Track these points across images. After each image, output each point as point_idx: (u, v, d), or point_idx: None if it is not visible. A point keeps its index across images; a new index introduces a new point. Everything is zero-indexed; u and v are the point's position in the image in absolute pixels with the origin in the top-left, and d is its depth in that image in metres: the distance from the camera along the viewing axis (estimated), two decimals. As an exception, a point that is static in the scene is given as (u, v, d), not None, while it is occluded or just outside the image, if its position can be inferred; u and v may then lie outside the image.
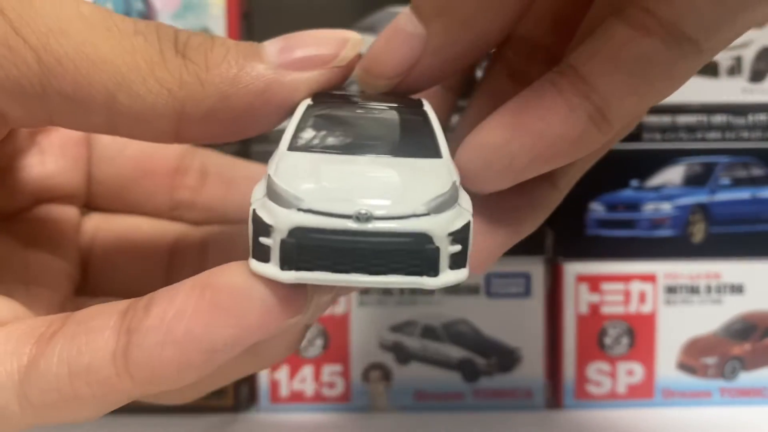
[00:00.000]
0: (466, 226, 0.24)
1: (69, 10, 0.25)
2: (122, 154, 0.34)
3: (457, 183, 0.25)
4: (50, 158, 0.33)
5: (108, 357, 0.23)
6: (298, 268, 0.23)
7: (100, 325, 0.24)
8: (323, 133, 0.26)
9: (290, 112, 0.26)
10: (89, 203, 0.34)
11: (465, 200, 0.25)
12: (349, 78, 0.28)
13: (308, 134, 0.26)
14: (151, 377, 0.23)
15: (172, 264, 0.33)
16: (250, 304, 0.23)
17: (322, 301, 0.26)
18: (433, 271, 0.24)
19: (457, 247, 0.24)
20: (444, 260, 0.24)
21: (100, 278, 0.33)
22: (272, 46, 0.26)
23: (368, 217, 0.23)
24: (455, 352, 0.48)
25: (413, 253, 0.23)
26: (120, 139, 0.34)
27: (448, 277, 0.24)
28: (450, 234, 0.24)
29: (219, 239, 0.33)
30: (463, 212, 0.24)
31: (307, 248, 0.23)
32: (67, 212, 0.33)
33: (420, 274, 0.23)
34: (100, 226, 0.34)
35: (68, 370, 0.23)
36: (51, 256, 0.31)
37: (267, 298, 0.23)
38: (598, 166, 0.47)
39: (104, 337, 0.23)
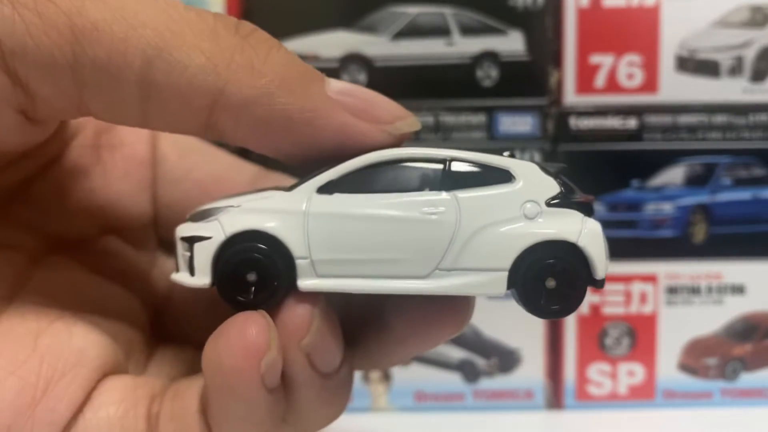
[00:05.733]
0: (193, 237, 0.26)
1: None
2: (189, 177, 0.33)
3: (249, 204, 0.26)
4: (115, 181, 0.31)
5: None
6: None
7: (189, 409, 0.26)
8: None
9: (317, 152, 0.25)
10: (157, 229, 0.33)
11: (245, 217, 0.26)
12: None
13: None
14: None
15: None
16: (222, 374, 0.25)
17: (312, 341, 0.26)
18: (186, 270, 0.26)
19: (188, 254, 0.26)
20: (184, 263, 0.26)
21: (177, 325, 0.32)
22: (336, 83, 0.25)
23: None
24: (455, 353, 0.48)
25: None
26: (186, 162, 0.33)
27: (182, 277, 0.26)
28: (182, 239, 0.26)
29: None
30: (213, 225, 0.26)
31: None
32: (138, 243, 0.32)
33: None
34: None
35: None
36: (127, 291, 0.30)
37: (226, 361, 0.24)
38: (599, 166, 0.47)
39: (194, 425, 0.26)
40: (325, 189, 0.26)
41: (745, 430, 0.47)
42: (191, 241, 0.26)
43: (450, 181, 0.25)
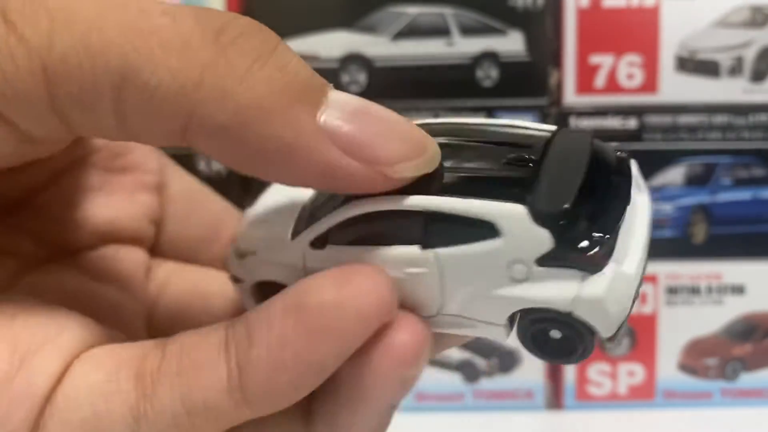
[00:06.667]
0: (235, 277, 0.28)
1: None
2: (195, 221, 0.32)
3: (263, 255, 0.26)
4: (117, 202, 0.30)
5: (224, 391, 0.23)
6: None
7: (205, 359, 0.23)
8: None
9: (302, 185, 0.23)
10: (156, 252, 0.32)
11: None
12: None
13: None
14: (270, 402, 0.23)
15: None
16: (346, 318, 0.22)
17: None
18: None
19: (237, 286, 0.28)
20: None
21: (164, 330, 0.30)
22: (336, 105, 0.22)
23: None
24: (455, 353, 0.48)
25: None
26: (192, 205, 0.32)
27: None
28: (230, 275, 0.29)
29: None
30: (243, 269, 0.28)
31: None
32: (135, 254, 0.31)
33: None
34: (171, 277, 0.32)
35: (184, 408, 0.23)
36: (122, 294, 0.29)
37: (361, 307, 0.22)
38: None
39: (216, 373, 0.23)
40: (316, 244, 0.25)
41: (745, 430, 0.47)
42: (234, 279, 0.28)
43: (432, 236, 0.23)
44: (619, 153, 0.25)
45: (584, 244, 0.21)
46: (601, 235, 0.21)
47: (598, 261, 0.21)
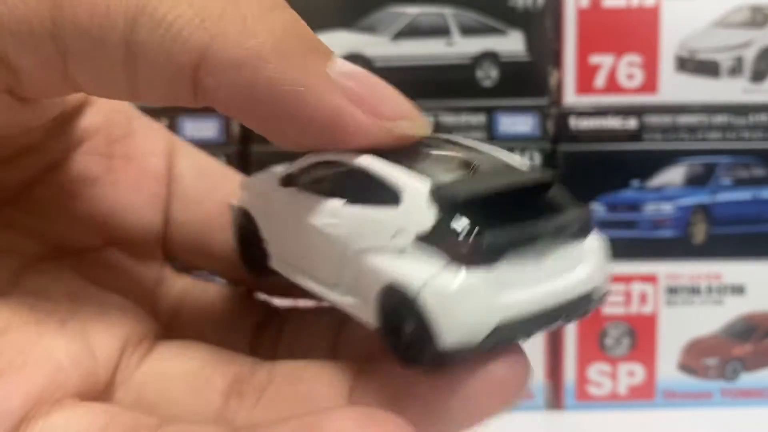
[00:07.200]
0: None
1: None
2: (210, 198, 0.30)
3: (252, 182, 0.28)
4: (124, 193, 0.29)
5: None
6: None
7: None
8: None
9: (305, 136, 0.22)
10: (166, 248, 0.30)
11: None
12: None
13: None
14: None
15: (255, 343, 0.29)
16: None
17: None
18: None
19: None
20: None
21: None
22: (344, 64, 0.22)
23: None
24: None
25: None
26: (205, 182, 0.30)
27: None
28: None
29: (295, 321, 0.30)
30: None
31: None
32: (141, 265, 0.30)
33: None
34: (189, 290, 0.30)
35: None
36: (127, 300, 0.28)
37: None
38: (600, 166, 0.47)
39: None
40: (284, 181, 0.26)
41: (745, 430, 0.47)
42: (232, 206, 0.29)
43: (354, 193, 0.23)
44: (580, 208, 0.23)
45: (461, 231, 0.20)
46: (486, 237, 0.20)
47: (466, 254, 0.20)
